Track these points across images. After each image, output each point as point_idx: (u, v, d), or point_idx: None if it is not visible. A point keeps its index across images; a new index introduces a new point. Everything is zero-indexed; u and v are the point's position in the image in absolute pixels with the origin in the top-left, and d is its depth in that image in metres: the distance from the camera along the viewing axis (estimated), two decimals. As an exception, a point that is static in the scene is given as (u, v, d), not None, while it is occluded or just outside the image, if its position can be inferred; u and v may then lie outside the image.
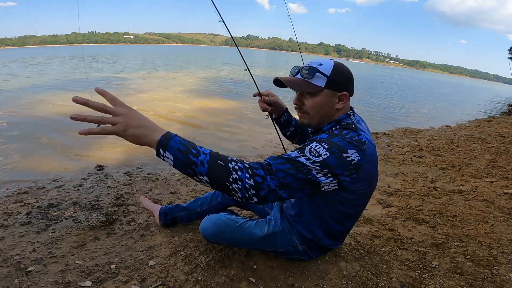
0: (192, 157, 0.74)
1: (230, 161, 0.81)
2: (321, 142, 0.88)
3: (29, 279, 1.19)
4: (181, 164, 0.73)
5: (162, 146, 0.69)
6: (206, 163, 0.76)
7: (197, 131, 4.08)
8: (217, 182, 0.77)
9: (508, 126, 5.87)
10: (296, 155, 0.86)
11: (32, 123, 4.04)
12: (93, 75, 10.43)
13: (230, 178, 0.77)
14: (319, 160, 0.83)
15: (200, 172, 0.75)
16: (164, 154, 0.70)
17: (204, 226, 1.32)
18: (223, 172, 0.77)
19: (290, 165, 0.83)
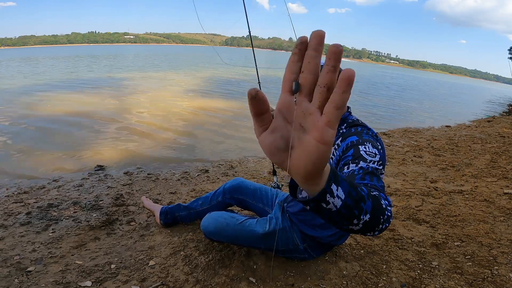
0: (360, 191, 0.48)
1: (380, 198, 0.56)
2: (363, 143, 0.86)
3: (29, 279, 1.19)
4: (353, 203, 0.45)
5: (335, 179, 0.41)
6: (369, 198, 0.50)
7: (197, 131, 4.08)
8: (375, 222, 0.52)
9: (508, 126, 5.87)
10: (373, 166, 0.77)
11: (31, 123, 4.04)
12: (93, 75, 10.43)
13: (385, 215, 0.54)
14: (377, 160, 0.80)
15: (366, 210, 0.48)
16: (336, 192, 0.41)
17: (205, 224, 1.32)
18: (381, 208, 0.53)
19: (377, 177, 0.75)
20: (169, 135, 3.81)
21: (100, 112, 4.82)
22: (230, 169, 2.74)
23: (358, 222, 0.47)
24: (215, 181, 2.42)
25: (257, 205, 1.54)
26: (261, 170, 2.72)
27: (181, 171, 2.61)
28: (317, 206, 0.41)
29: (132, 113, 4.86)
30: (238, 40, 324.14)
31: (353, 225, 0.47)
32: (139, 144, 3.38)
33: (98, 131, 3.79)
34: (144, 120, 4.45)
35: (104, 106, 5.25)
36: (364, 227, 0.49)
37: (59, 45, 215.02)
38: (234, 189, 1.55)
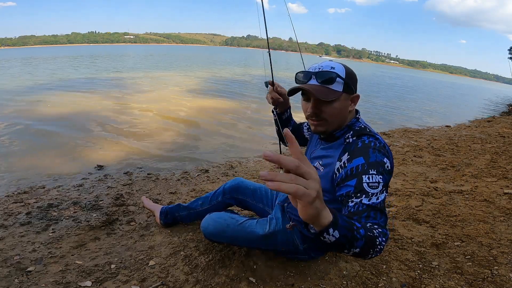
0: (356, 234, 0.63)
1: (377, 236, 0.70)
2: (368, 171, 0.84)
3: (29, 279, 1.19)
4: (345, 241, 0.60)
5: (335, 225, 0.56)
6: (363, 239, 0.65)
7: (197, 131, 4.08)
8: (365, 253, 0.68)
9: (508, 126, 5.87)
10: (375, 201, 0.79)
11: (31, 123, 4.04)
12: (93, 75, 10.43)
13: (376, 248, 0.69)
14: (380, 189, 0.81)
15: (357, 246, 0.64)
16: (332, 232, 0.57)
17: (205, 224, 1.32)
18: (373, 245, 0.68)
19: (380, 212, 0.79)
20: (169, 135, 3.81)
21: (100, 112, 4.82)
22: (230, 169, 2.74)
23: (348, 252, 0.65)
24: (215, 181, 2.42)
25: (257, 205, 1.54)
26: (261, 170, 2.72)
27: (181, 171, 2.61)
28: (317, 236, 0.58)
29: (132, 113, 4.86)
30: (238, 40, 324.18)
31: (343, 253, 0.66)
32: (139, 144, 3.38)
33: (98, 131, 3.79)
34: (144, 120, 4.45)
35: (104, 106, 5.25)
36: (353, 255, 0.67)
37: (59, 45, 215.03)
38: (234, 189, 1.55)
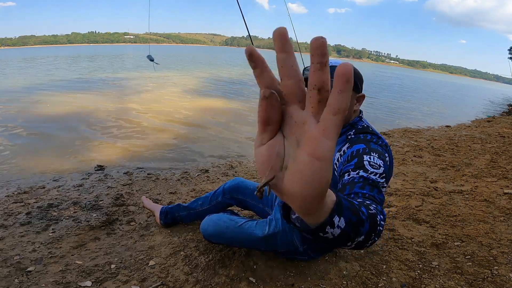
0: (361, 215, 0.46)
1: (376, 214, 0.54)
2: (369, 153, 0.83)
3: (29, 279, 1.19)
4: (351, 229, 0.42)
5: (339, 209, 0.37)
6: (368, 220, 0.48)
7: (197, 131, 4.08)
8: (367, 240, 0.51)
9: (508, 126, 5.87)
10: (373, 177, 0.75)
11: (31, 123, 4.03)
12: (92, 75, 10.42)
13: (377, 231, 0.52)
14: (380, 172, 0.78)
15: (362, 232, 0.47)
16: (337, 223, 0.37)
17: (205, 226, 1.32)
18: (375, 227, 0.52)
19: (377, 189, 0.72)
20: (169, 135, 3.81)
21: (100, 112, 4.82)
22: (230, 169, 2.74)
23: (351, 244, 0.46)
24: (215, 181, 2.42)
25: (257, 205, 1.54)
26: (261, 170, 2.72)
27: (181, 171, 2.61)
28: (313, 234, 0.37)
29: (132, 113, 4.86)
30: (238, 40, 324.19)
31: (346, 246, 0.46)
32: (139, 144, 3.38)
33: (98, 131, 3.79)
34: (144, 120, 4.45)
35: (104, 106, 5.25)
36: (355, 246, 0.48)
37: (59, 45, 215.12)
38: (234, 189, 1.55)
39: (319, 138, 0.23)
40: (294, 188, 0.25)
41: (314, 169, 0.24)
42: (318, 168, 0.23)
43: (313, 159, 0.23)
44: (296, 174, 0.25)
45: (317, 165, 0.23)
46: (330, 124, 0.23)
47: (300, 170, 0.24)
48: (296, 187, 0.25)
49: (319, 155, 0.23)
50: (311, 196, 0.26)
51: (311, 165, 0.23)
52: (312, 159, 0.23)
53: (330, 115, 0.22)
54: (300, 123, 0.24)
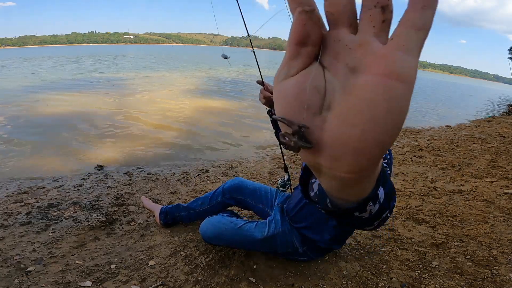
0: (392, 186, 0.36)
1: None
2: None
3: (29, 279, 1.19)
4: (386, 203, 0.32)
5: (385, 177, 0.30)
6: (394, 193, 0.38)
7: (197, 131, 4.08)
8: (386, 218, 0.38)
9: (508, 126, 5.87)
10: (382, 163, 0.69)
11: (31, 123, 4.03)
12: (92, 75, 10.42)
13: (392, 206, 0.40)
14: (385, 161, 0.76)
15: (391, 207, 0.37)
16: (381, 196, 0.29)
17: (204, 229, 1.32)
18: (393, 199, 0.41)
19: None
20: (169, 135, 3.81)
21: (100, 112, 4.82)
22: (230, 169, 2.74)
23: (378, 223, 0.35)
24: (215, 181, 2.42)
25: (256, 205, 1.54)
26: (261, 170, 2.72)
27: (181, 171, 2.61)
28: (345, 215, 0.28)
29: (132, 113, 4.85)
30: (238, 40, 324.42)
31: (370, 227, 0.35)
32: (139, 144, 3.38)
33: (98, 131, 3.79)
34: (144, 120, 4.45)
35: (104, 106, 5.25)
36: (376, 226, 0.37)
37: (59, 45, 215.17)
38: (234, 189, 1.55)
39: (395, 53, 0.16)
40: (351, 132, 0.17)
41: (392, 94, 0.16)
42: (397, 91, 0.16)
43: (385, 79, 0.16)
44: (354, 109, 0.17)
45: (396, 87, 0.16)
46: (411, 39, 0.16)
47: (364, 100, 0.17)
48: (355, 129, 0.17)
49: (399, 74, 0.16)
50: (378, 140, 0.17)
51: (387, 88, 0.16)
52: (385, 79, 0.16)
53: (410, 31, 0.16)
54: (355, 46, 0.18)
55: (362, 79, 0.17)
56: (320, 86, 0.19)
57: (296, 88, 0.19)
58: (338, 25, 0.18)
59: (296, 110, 0.19)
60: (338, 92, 0.18)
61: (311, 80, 0.19)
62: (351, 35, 0.18)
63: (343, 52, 0.18)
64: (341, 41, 0.18)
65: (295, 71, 0.19)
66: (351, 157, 0.18)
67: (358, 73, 0.17)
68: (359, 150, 0.18)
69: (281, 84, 0.20)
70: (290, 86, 0.19)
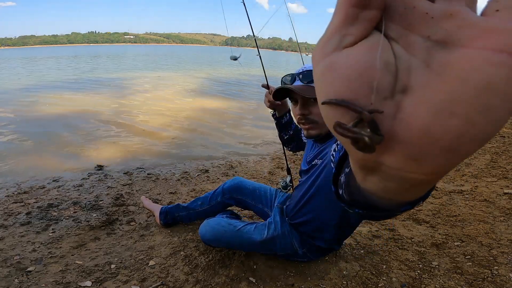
0: None
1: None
2: None
3: (29, 279, 1.19)
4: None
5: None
6: None
7: (197, 131, 4.08)
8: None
9: (508, 126, 5.87)
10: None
11: (31, 123, 4.04)
12: (92, 75, 10.43)
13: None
14: None
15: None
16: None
17: (203, 231, 1.33)
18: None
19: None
20: (169, 135, 3.81)
21: (99, 112, 4.82)
22: (230, 169, 2.74)
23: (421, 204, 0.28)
24: (215, 181, 2.42)
25: (256, 205, 1.53)
26: (261, 170, 2.72)
27: (181, 171, 2.61)
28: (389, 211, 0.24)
29: (132, 113, 4.86)
30: (238, 40, 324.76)
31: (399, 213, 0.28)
32: (139, 144, 3.38)
33: (98, 131, 3.79)
34: (144, 120, 4.45)
35: (103, 106, 5.25)
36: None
37: (59, 45, 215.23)
38: (233, 189, 1.55)
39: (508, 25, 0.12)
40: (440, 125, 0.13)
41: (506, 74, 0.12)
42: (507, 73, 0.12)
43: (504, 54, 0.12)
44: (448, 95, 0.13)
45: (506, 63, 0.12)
46: None
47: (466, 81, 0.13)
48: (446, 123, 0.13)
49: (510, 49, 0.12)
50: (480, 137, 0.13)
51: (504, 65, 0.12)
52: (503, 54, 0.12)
53: None
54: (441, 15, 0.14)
55: (465, 55, 0.13)
56: (390, 61, 0.14)
57: (360, 62, 0.14)
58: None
59: (359, 92, 0.14)
60: (418, 70, 0.14)
61: (380, 52, 0.14)
62: (429, 3, 0.14)
63: (422, 21, 0.14)
64: (417, 9, 0.14)
65: (353, 40, 0.15)
66: (439, 157, 0.14)
67: (454, 48, 0.13)
68: (454, 147, 0.13)
69: (333, 56, 0.15)
70: (351, 59, 0.15)
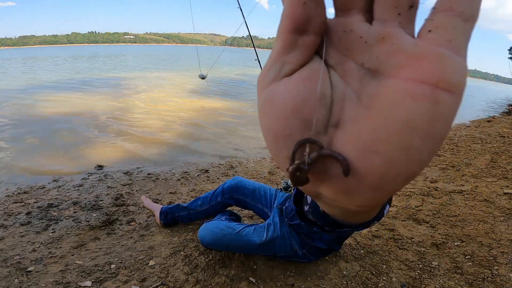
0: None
1: None
2: None
3: (29, 279, 1.19)
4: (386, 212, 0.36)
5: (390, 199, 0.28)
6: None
7: (197, 131, 4.08)
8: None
9: (508, 126, 5.87)
10: None
11: (30, 123, 4.03)
12: (92, 75, 10.42)
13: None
14: None
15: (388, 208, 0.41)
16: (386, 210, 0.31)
17: (202, 234, 1.33)
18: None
19: None
20: (169, 135, 3.81)
21: (99, 112, 4.82)
22: (230, 169, 2.73)
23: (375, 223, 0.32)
24: (215, 181, 2.42)
25: (256, 205, 1.53)
26: (261, 170, 2.72)
27: (181, 171, 2.61)
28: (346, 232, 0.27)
29: (131, 113, 4.86)
30: (238, 40, 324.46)
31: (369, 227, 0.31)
32: (139, 144, 3.38)
33: (98, 131, 3.79)
34: (144, 120, 4.45)
35: (103, 106, 5.25)
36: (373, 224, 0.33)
37: (59, 45, 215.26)
38: (233, 189, 1.55)
39: (441, 51, 0.12)
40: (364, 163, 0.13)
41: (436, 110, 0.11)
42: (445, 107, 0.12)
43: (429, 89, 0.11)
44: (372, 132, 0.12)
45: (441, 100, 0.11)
46: (460, 33, 0.12)
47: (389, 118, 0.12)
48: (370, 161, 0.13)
49: (446, 79, 0.11)
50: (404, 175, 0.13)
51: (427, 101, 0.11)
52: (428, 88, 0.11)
53: (457, 21, 0.12)
54: (375, 39, 0.13)
55: (389, 86, 0.12)
56: (326, 93, 0.14)
57: (295, 96, 0.14)
58: (349, 10, 0.14)
59: (294, 129, 0.14)
60: (351, 102, 0.13)
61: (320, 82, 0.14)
62: (367, 25, 0.13)
63: (358, 47, 0.13)
64: (354, 32, 0.13)
65: (291, 69, 0.14)
66: (366, 193, 0.14)
67: (381, 78, 0.13)
68: (377, 186, 0.13)
69: (272, 87, 0.14)
70: (287, 92, 0.14)
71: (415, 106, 0.11)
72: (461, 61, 0.12)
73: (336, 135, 0.14)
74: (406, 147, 0.12)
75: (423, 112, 0.11)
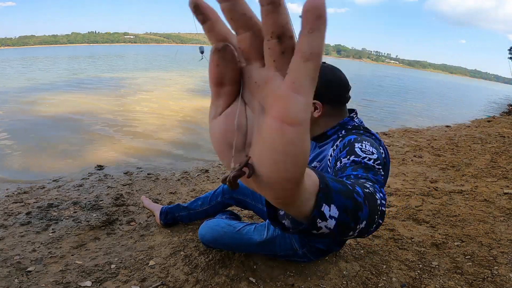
0: (357, 197, 0.36)
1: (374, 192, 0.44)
2: (361, 141, 0.78)
3: (29, 279, 1.19)
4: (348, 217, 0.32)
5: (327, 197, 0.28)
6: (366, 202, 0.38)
7: (197, 131, 4.08)
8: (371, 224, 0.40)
9: (508, 126, 5.87)
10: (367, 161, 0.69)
11: (30, 123, 4.04)
12: (92, 75, 10.42)
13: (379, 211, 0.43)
14: (374, 158, 0.72)
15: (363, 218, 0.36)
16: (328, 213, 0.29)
17: (202, 232, 1.33)
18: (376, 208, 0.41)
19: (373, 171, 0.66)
20: (169, 135, 3.81)
21: (99, 112, 4.82)
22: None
23: (353, 233, 0.36)
24: (215, 181, 2.42)
25: (256, 205, 1.53)
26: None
27: (181, 171, 2.61)
28: (306, 233, 0.30)
29: (132, 113, 4.86)
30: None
31: (348, 236, 0.37)
32: (139, 144, 3.38)
33: (98, 131, 3.79)
34: (144, 120, 4.45)
35: (103, 106, 5.25)
36: (358, 234, 0.38)
37: (59, 45, 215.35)
38: (233, 189, 1.55)
39: (288, 94, 0.16)
40: (262, 170, 0.19)
41: (286, 139, 0.17)
42: (290, 136, 0.17)
43: (282, 125, 0.17)
44: (262, 150, 0.18)
45: (288, 132, 0.17)
46: (301, 74, 0.16)
47: (267, 143, 0.18)
48: (264, 168, 0.19)
49: (290, 118, 0.16)
50: (284, 178, 0.19)
51: (281, 133, 0.17)
52: (281, 124, 0.17)
53: (299, 63, 0.16)
54: (262, 84, 0.18)
55: (266, 121, 0.18)
56: (242, 124, 0.21)
57: (222, 128, 0.21)
58: (250, 60, 0.19)
59: (223, 150, 0.22)
60: (255, 129, 0.20)
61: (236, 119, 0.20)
62: (261, 70, 0.19)
63: (254, 89, 0.19)
64: (251, 78, 0.19)
65: (220, 111, 0.21)
66: (268, 190, 0.20)
67: (265, 114, 0.18)
68: (270, 185, 0.19)
69: (211, 124, 0.22)
70: (217, 126, 0.22)
71: (275, 135, 0.17)
72: (301, 99, 0.16)
73: (250, 151, 0.20)
74: (276, 161, 0.18)
75: (279, 139, 0.17)
